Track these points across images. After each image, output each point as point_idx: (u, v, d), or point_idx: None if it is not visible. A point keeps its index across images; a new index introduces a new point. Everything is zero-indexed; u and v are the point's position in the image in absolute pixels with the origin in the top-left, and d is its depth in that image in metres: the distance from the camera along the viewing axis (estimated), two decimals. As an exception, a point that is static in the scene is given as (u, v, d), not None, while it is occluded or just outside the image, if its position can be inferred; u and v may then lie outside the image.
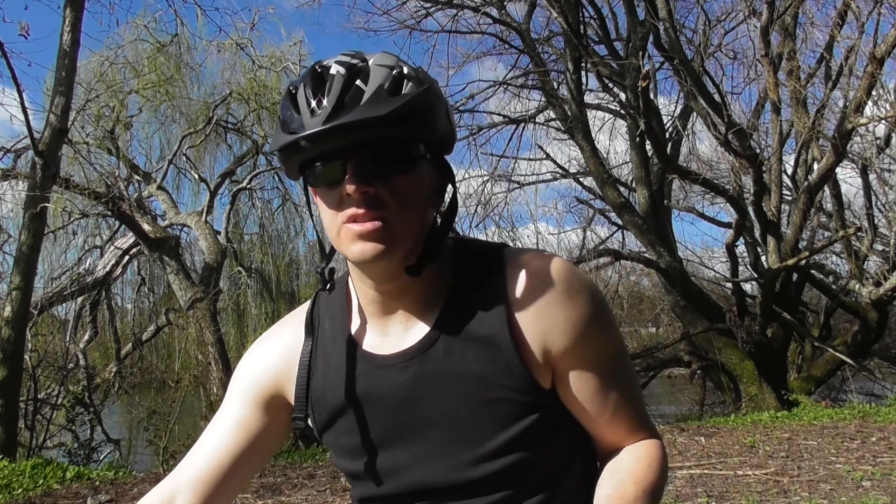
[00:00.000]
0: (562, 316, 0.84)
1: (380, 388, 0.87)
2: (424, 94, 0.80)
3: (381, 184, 0.79)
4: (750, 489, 4.41)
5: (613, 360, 0.89)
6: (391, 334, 0.88)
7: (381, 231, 0.79)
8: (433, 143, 0.85)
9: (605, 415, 0.89)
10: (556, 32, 11.07)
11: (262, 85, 11.00)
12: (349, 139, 0.78)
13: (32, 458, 5.84)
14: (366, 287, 0.88)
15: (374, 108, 0.76)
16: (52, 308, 9.79)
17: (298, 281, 12.51)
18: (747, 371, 9.38)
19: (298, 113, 0.79)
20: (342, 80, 0.78)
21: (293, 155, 0.81)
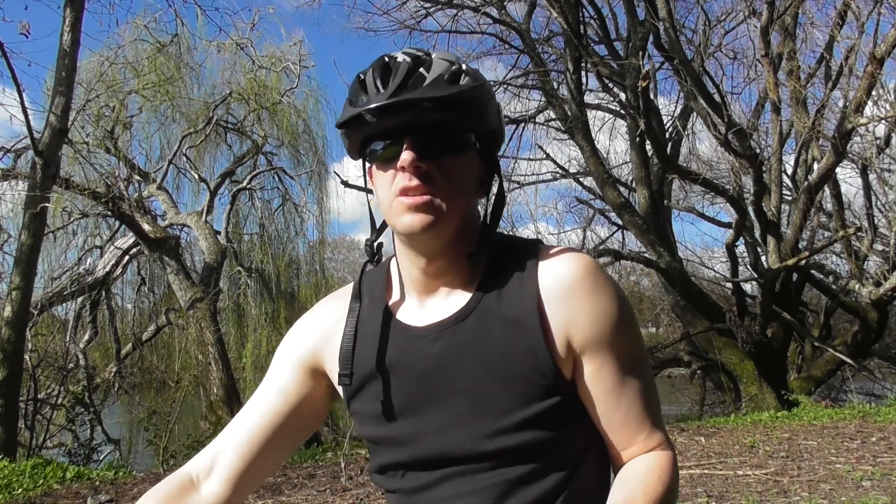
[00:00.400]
0: (586, 308, 0.88)
1: (410, 358, 0.92)
2: (479, 89, 0.89)
3: (433, 163, 0.88)
4: (750, 489, 4.41)
5: (632, 361, 0.91)
6: (427, 309, 0.94)
7: (430, 205, 0.87)
8: (483, 135, 0.94)
9: (618, 414, 0.90)
10: (556, 32, 11.08)
11: (262, 85, 11.00)
12: (409, 116, 0.86)
13: (32, 458, 5.84)
14: (409, 265, 0.95)
15: (433, 91, 0.85)
16: (52, 308, 9.79)
17: (298, 281, 12.50)
18: (747, 371, 9.38)
19: (366, 93, 0.88)
20: (407, 66, 0.87)
21: (358, 129, 0.90)
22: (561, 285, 0.89)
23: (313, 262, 12.68)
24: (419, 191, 0.87)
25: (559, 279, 0.89)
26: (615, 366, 0.89)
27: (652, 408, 0.93)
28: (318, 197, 12.07)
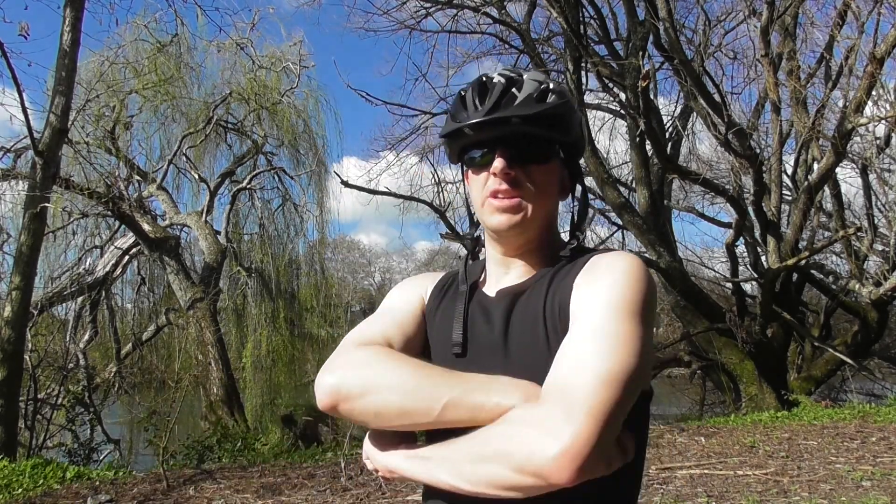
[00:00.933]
0: (590, 281, 0.97)
1: (483, 315, 1.07)
2: (563, 106, 1.05)
3: (522, 170, 1.03)
4: (750, 489, 4.42)
5: (603, 333, 0.89)
6: (502, 284, 1.10)
7: (517, 207, 1.03)
8: (566, 146, 1.09)
9: (555, 362, 0.91)
10: (556, 32, 11.10)
11: (262, 85, 11.00)
12: (501, 130, 1.02)
13: (32, 458, 5.83)
14: (495, 252, 1.12)
15: (522, 109, 1.01)
16: (52, 308, 9.79)
17: (298, 281, 12.51)
18: (747, 371, 9.38)
19: (465, 109, 1.04)
20: (502, 87, 1.03)
21: (457, 140, 1.07)
22: (591, 269, 1.00)
23: (313, 262, 12.69)
24: (508, 194, 1.02)
25: (594, 264, 1.01)
26: (578, 326, 0.92)
27: (566, 363, 0.88)
28: (318, 197, 12.09)
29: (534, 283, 1.05)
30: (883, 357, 12.42)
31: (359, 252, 46.26)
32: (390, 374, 0.94)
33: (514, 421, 0.85)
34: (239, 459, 6.12)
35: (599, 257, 1.02)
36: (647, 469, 5.02)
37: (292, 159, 11.91)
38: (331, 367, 1.00)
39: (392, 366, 0.96)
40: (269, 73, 11.11)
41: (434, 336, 1.12)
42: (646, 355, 0.90)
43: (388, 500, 4.36)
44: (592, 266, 1.00)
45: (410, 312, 1.14)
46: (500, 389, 0.89)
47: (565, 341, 0.92)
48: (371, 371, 0.96)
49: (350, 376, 0.96)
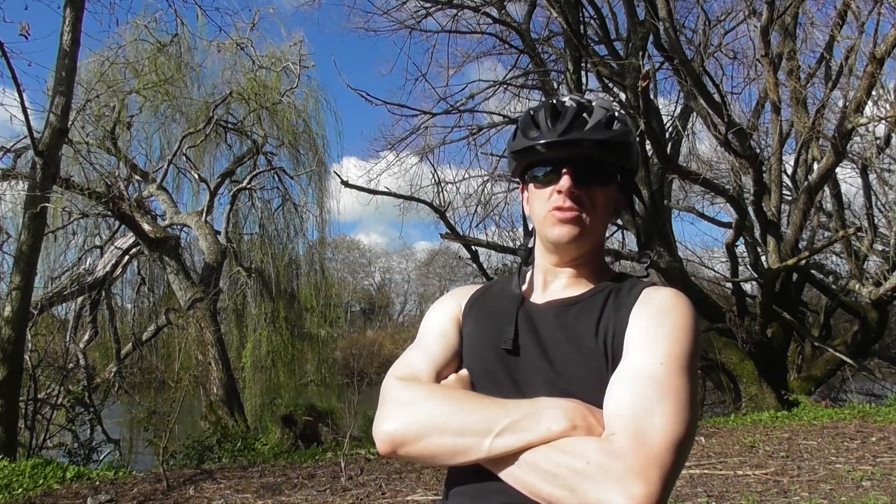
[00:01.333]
0: (647, 320, 1.02)
1: (528, 323, 1.11)
2: (627, 134, 1.12)
3: (584, 190, 1.10)
4: (750, 489, 4.41)
5: (655, 373, 0.94)
6: (550, 293, 1.15)
7: (578, 220, 1.09)
8: (625, 172, 1.16)
9: (609, 401, 0.94)
10: (556, 32, 11.09)
11: (262, 85, 11.00)
12: (570, 151, 1.09)
13: (32, 458, 5.84)
14: (548, 262, 1.17)
15: (594, 134, 1.08)
16: (52, 308, 9.78)
17: (298, 281, 12.50)
18: (747, 371, 9.38)
19: (538, 129, 1.11)
20: (574, 110, 1.10)
21: (525, 157, 1.14)
22: (647, 306, 1.04)
23: (313, 262, 12.68)
24: (571, 210, 1.09)
25: (651, 299, 1.05)
26: (636, 365, 0.96)
27: (636, 416, 0.90)
28: (317, 197, 12.09)
29: (587, 299, 1.10)
30: (883, 357, 12.42)
31: (359, 252, 46.23)
32: (438, 415, 0.98)
33: (591, 459, 0.88)
34: (239, 459, 6.12)
35: (655, 292, 1.06)
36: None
37: (292, 159, 11.92)
38: (383, 414, 1.04)
39: (439, 405, 1.00)
40: (269, 73, 11.11)
41: (473, 334, 1.15)
42: (697, 412, 0.97)
43: (388, 500, 4.36)
44: (649, 301, 1.04)
45: (449, 329, 1.17)
46: (547, 415, 0.93)
47: (630, 380, 0.95)
48: (420, 414, 1.00)
49: (403, 423, 1.01)
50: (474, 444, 0.94)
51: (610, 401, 0.94)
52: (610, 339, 1.02)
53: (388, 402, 1.04)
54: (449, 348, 1.14)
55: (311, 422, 9.64)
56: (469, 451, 0.95)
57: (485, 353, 1.11)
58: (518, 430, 0.92)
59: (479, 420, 0.95)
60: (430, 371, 1.09)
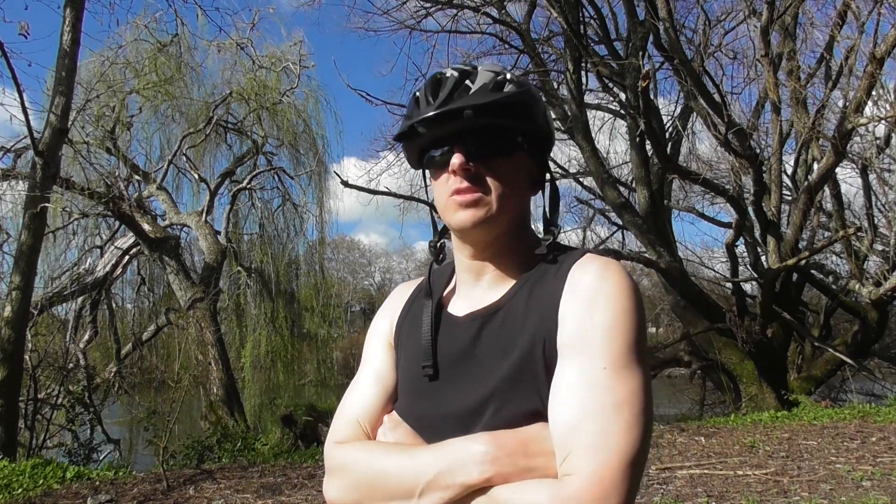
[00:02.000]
0: (579, 311, 0.90)
1: (447, 342, 1.01)
2: (522, 94, 0.97)
3: (483, 164, 0.96)
4: (750, 489, 4.41)
5: (600, 379, 0.84)
6: (472, 298, 1.03)
7: (479, 202, 0.95)
8: (530, 135, 1.01)
9: (558, 423, 0.85)
10: (556, 32, 11.08)
11: (262, 85, 11.00)
12: (455, 125, 0.95)
13: (32, 458, 5.84)
14: (462, 256, 1.04)
15: (476, 99, 0.94)
16: (52, 308, 9.78)
17: (298, 281, 12.50)
18: (747, 371, 9.38)
19: (418, 107, 0.98)
20: (454, 79, 0.96)
21: (413, 141, 1.01)
22: (576, 287, 0.92)
23: (313, 262, 12.68)
24: (469, 190, 0.95)
25: (577, 280, 0.93)
26: (578, 374, 0.86)
27: (589, 442, 0.82)
28: (317, 197, 12.09)
29: (508, 301, 0.97)
30: (883, 357, 12.42)
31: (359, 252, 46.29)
32: (368, 480, 0.94)
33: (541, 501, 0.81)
34: (239, 459, 6.12)
35: (583, 269, 0.93)
36: (648, 469, 5.02)
37: (292, 159, 11.93)
38: (326, 480, 1.01)
39: (367, 467, 0.95)
40: (269, 73, 11.11)
41: (403, 364, 1.07)
42: (651, 408, 0.87)
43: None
44: (575, 288, 0.92)
45: (382, 357, 1.10)
46: (460, 468, 0.85)
47: (570, 396, 0.85)
48: (353, 480, 0.96)
49: (340, 491, 0.98)
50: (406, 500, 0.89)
51: (556, 423, 0.85)
52: (541, 341, 0.90)
53: (328, 469, 1.02)
54: (385, 395, 1.06)
55: (311, 422, 9.64)
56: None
57: (412, 387, 1.03)
58: (436, 488, 0.86)
59: (401, 482, 0.90)
60: (367, 425, 1.03)
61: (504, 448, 0.85)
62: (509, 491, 0.83)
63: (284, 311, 11.44)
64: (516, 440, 0.86)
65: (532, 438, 0.87)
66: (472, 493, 0.85)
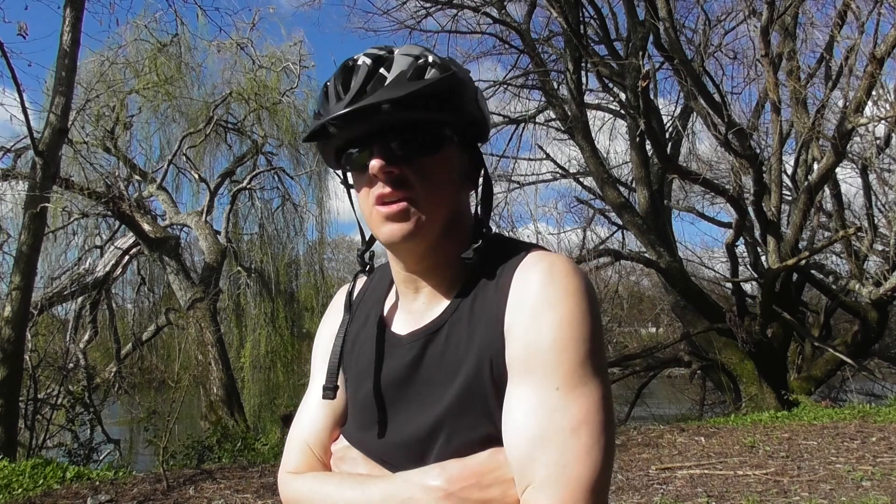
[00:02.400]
0: (525, 322, 0.81)
1: (390, 363, 0.92)
2: (447, 80, 0.84)
3: (407, 165, 0.84)
4: (750, 489, 4.41)
5: (553, 398, 0.78)
6: (413, 314, 0.93)
7: (407, 212, 0.84)
8: (460, 127, 0.89)
9: (513, 452, 0.79)
10: (556, 32, 11.08)
11: (262, 85, 11.00)
12: (372, 122, 0.83)
13: (32, 458, 5.84)
14: (397, 268, 0.94)
15: (392, 91, 0.81)
16: (52, 308, 9.78)
17: (298, 281, 12.51)
18: (747, 371, 9.38)
19: (328, 102, 0.85)
20: (367, 69, 0.83)
21: (326, 142, 0.89)
22: (520, 295, 0.83)
23: (313, 263, 12.68)
24: (394, 197, 0.84)
25: (521, 288, 0.83)
26: (530, 396, 0.79)
27: (547, 473, 0.75)
28: (317, 197, 12.09)
29: (449, 316, 0.88)
30: (883, 357, 12.41)
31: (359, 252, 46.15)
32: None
33: None
34: (239, 459, 6.12)
35: (527, 274, 0.84)
36: (647, 469, 5.02)
37: (292, 159, 11.93)
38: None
39: (321, 502, 0.91)
40: (269, 73, 11.12)
41: (350, 383, 0.99)
42: (613, 423, 0.80)
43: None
44: (520, 296, 0.82)
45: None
46: (415, 500, 0.80)
47: (524, 423, 0.78)
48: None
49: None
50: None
51: (512, 453, 0.79)
52: (487, 361, 0.83)
53: (284, 501, 1.00)
54: (332, 414, 0.99)
55: (311, 422, 9.63)
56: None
57: (360, 417, 0.95)
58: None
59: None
60: (318, 450, 0.99)
61: (457, 482, 0.80)
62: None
63: (284, 311, 11.44)
64: (470, 472, 0.81)
65: (486, 468, 0.81)
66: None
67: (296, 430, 1.02)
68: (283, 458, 1.03)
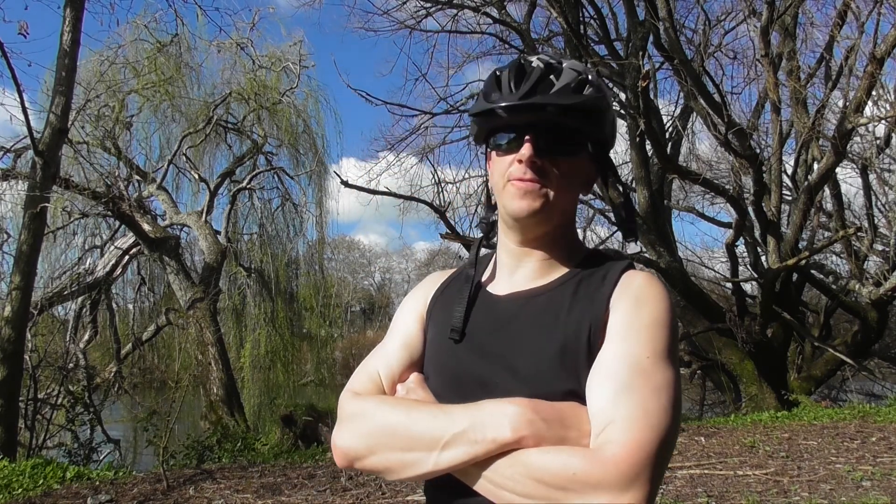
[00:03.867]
0: (625, 308, 0.95)
1: (482, 317, 1.04)
2: (600, 100, 1.00)
3: (549, 160, 0.99)
4: (750, 489, 4.41)
5: (638, 364, 0.89)
6: (513, 282, 1.06)
7: (538, 193, 0.98)
8: (597, 141, 1.05)
9: (593, 397, 0.89)
10: (556, 32, 11.10)
11: (262, 85, 11.00)
12: (534, 117, 0.98)
13: (32, 458, 5.84)
14: (509, 241, 1.07)
15: (559, 98, 0.97)
16: (52, 308, 9.78)
17: (298, 281, 12.51)
18: (747, 371, 9.38)
19: (500, 90, 1.00)
20: (540, 71, 0.98)
21: (486, 121, 1.04)
22: (627, 287, 0.97)
23: (312, 262, 12.69)
24: (532, 181, 0.98)
25: (628, 283, 0.98)
26: (623, 356, 0.90)
27: (629, 414, 0.85)
28: (317, 197, 12.09)
29: (557, 287, 1.01)
30: (883, 357, 12.42)
31: (359, 252, 46.27)
32: (386, 429, 0.94)
33: (577, 470, 0.82)
34: (239, 459, 6.12)
35: (632, 277, 0.99)
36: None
37: (292, 159, 11.93)
38: (338, 428, 1.01)
39: (386, 418, 0.95)
40: (269, 73, 11.12)
41: (433, 338, 1.09)
42: (681, 404, 0.92)
43: (388, 500, 4.36)
44: (628, 286, 0.97)
45: (412, 326, 1.12)
46: (491, 425, 0.86)
47: (614, 373, 0.88)
48: (369, 429, 0.96)
49: (353, 438, 0.98)
50: (421, 458, 0.90)
51: (597, 396, 0.88)
52: (586, 328, 0.94)
53: (342, 417, 1.02)
54: (409, 359, 1.08)
55: (311, 422, 9.64)
56: (417, 466, 0.91)
57: (440, 352, 1.05)
58: (463, 442, 0.87)
59: (424, 433, 0.90)
60: (387, 384, 1.05)
61: (540, 413, 0.87)
62: (542, 453, 0.84)
63: (284, 311, 11.44)
64: (553, 409, 0.88)
65: (568, 413, 0.89)
66: (499, 455, 0.86)
67: (369, 362, 1.11)
68: (350, 381, 1.09)
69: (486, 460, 0.87)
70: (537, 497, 0.83)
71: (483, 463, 0.87)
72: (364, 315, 43.97)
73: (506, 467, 0.85)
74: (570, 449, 0.85)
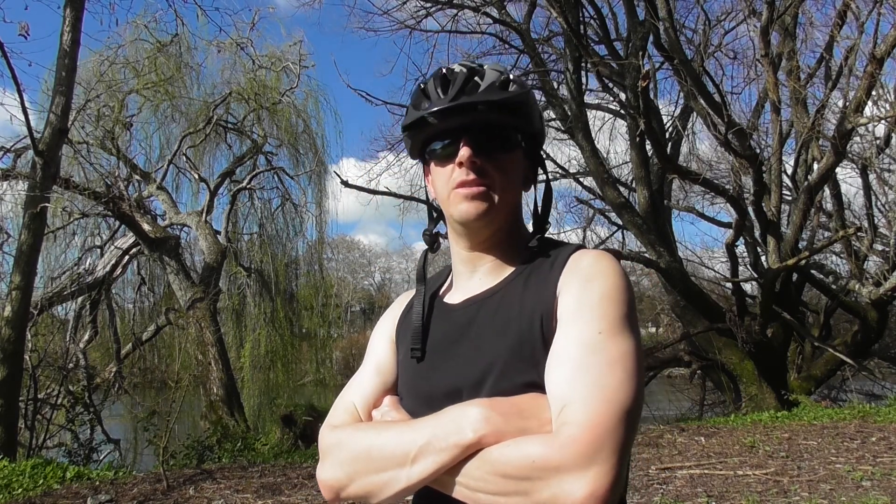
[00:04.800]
0: (576, 286, 0.95)
1: (441, 327, 1.06)
2: (525, 95, 1.04)
3: (487, 159, 1.01)
4: (750, 489, 4.41)
5: (594, 342, 0.88)
6: (468, 289, 1.07)
7: (485, 195, 1.00)
8: (528, 135, 1.07)
9: (550, 379, 0.89)
10: (556, 32, 11.09)
11: (262, 85, 11.00)
12: (466, 118, 1.00)
13: (32, 458, 5.84)
14: (461, 248, 1.08)
15: (487, 95, 0.99)
16: (52, 308, 9.78)
17: (297, 281, 12.51)
18: (747, 371, 9.38)
19: (428, 99, 1.02)
20: (464, 75, 1.01)
21: (420, 131, 1.05)
22: (574, 268, 0.97)
23: (312, 262, 12.69)
24: (475, 183, 1.00)
25: (575, 265, 0.98)
26: (575, 337, 0.90)
27: (584, 393, 0.85)
28: (317, 197, 12.09)
29: (506, 286, 1.02)
30: (883, 357, 12.41)
31: (359, 252, 46.30)
32: (361, 454, 0.95)
33: (536, 458, 0.82)
34: (239, 459, 6.12)
35: (580, 256, 0.99)
36: (647, 469, 5.02)
37: (292, 159, 11.93)
38: (320, 464, 1.02)
39: (360, 443, 0.96)
40: (269, 73, 11.12)
41: (402, 349, 1.11)
42: (643, 372, 0.91)
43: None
44: (575, 268, 0.97)
45: (383, 351, 1.14)
46: (451, 430, 0.87)
47: (567, 355, 0.89)
48: (346, 457, 0.97)
49: (334, 469, 0.98)
50: (394, 476, 0.90)
51: (553, 381, 0.88)
52: (538, 317, 0.95)
53: (321, 451, 1.03)
54: (382, 385, 1.10)
55: (311, 422, 9.64)
56: (392, 484, 0.91)
57: (408, 372, 1.07)
58: (430, 452, 0.88)
59: (394, 450, 0.91)
60: (363, 413, 1.07)
61: (497, 408, 0.88)
62: (502, 447, 0.85)
63: (284, 310, 11.44)
64: (510, 403, 0.89)
65: (527, 404, 0.89)
66: (467, 458, 0.86)
67: (345, 395, 1.12)
68: (328, 416, 1.11)
69: (456, 466, 0.87)
70: (508, 492, 0.83)
71: (454, 469, 0.87)
72: (364, 315, 43.96)
73: (474, 469, 0.86)
74: (528, 438, 0.85)
